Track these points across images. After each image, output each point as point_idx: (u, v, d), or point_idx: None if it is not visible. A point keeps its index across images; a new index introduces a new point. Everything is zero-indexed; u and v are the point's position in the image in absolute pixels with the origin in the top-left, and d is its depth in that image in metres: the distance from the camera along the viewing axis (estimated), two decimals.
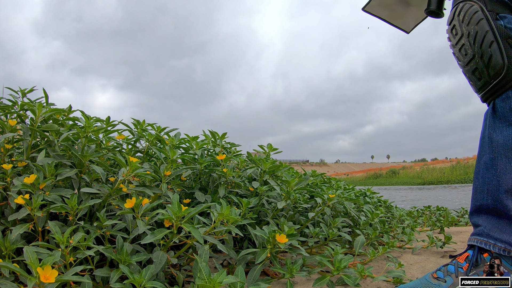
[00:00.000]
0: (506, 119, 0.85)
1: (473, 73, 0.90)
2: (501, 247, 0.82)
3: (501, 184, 0.83)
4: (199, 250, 0.86)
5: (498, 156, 0.84)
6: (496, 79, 0.85)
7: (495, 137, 0.86)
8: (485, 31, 0.85)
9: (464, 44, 0.90)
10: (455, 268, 0.85)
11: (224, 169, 1.32)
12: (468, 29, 0.88)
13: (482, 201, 0.87)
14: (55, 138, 1.10)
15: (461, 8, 0.91)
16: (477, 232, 0.87)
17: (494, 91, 0.86)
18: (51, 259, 0.65)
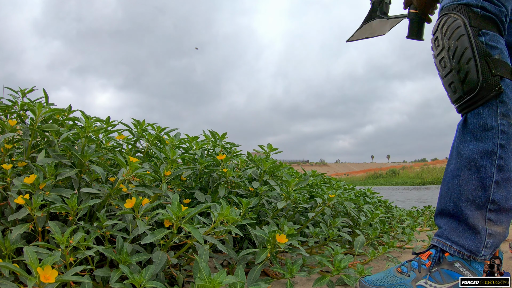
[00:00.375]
0: (474, 134, 0.89)
1: (449, 85, 0.93)
2: (456, 249, 0.88)
3: (462, 194, 0.88)
4: (199, 250, 0.86)
5: (462, 168, 0.89)
6: (470, 95, 0.88)
7: (461, 149, 0.90)
8: (465, 47, 0.88)
9: (444, 57, 0.93)
10: (418, 264, 0.91)
11: (224, 169, 1.32)
12: (449, 43, 0.91)
13: (445, 206, 0.93)
14: (55, 138, 1.10)
15: (445, 21, 0.93)
16: (438, 234, 0.92)
17: (467, 105, 0.90)
18: (51, 259, 0.65)
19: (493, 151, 0.86)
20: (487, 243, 0.86)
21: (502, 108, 0.87)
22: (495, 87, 0.86)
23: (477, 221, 0.86)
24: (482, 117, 0.88)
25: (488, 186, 0.86)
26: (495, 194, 0.86)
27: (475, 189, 0.87)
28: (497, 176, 0.86)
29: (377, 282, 0.89)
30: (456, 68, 0.90)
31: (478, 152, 0.88)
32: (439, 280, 0.87)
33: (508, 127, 0.87)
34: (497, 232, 0.87)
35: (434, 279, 0.87)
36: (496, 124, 0.87)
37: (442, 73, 0.95)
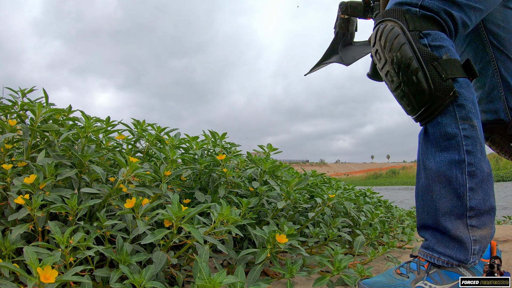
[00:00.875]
0: (437, 145, 0.84)
1: (401, 99, 0.88)
2: (444, 260, 0.86)
3: (439, 209, 0.85)
4: (199, 250, 0.86)
5: (432, 182, 0.85)
6: (424, 106, 0.83)
7: (428, 163, 0.86)
8: (409, 57, 0.82)
9: (389, 71, 0.87)
10: (417, 265, 0.89)
11: (224, 169, 1.32)
12: (391, 56, 0.85)
13: (424, 221, 0.90)
14: (55, 138, 1.10)
15: (382, 32, 0.87)
16: (425, 246, 0.90)
17: (423, 117, 0.85)
18: (51, 259, 0.65)
19: (461, 159, 0.82)
20: (474, 250, 0.84)
21: (461, 112, 0.82)
22: (449, 92, 0.81)
23: (459, 231, 0.83)
24: (442, 126, 0.83)
25: (463, 195, 0.82)
26: (472, 201, 0.82)
27: (450, 200, 0.83)
28: (470, 183, 0.82)
29: (376, 284, 0.87)
30: (405, 81, 0.84)
31: (446, 163, 0.83)
32: (438, 281, 0.86)
33: (470, 131, 0.83)
34: (482, 235, 0.85)
35: (433, 280, 0.86)
36: (457, 131, 0.82)
37: (391, 87, 0.89)
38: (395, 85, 0.87)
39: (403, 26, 0.84)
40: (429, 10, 0.85)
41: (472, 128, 0.83)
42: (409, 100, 0.85)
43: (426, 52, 0.82)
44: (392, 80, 0.87)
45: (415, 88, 0.83)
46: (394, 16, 0.86)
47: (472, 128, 0.83)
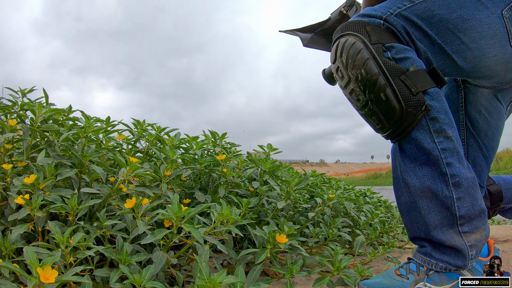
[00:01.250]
0: (416, 159, 0.81)
1: (369, 117, 0.83)
2: (442, 266, 0.84)
3: (429, 223, 0.82)
4: (199, 250, 0.86)
5: (418, 199, 0.82)
6: (395, 124, 0.79)
7: (410, 181, 0.82)
8: (374, 73, 0.77)
9: (354, 89, 0.81)
10: (417, 266, 0.88)
11: (224, 169, 1.32)
12: (355, 74, 0.79)
13: (416, 234, 0.88)
14: (55, 138, 1.10)
15: (342, 47, 0.81)
16: (423, 252, 0.88)
17: (395, 135, 0.82)
18: (51, 259, 0.65)
19: (442, 172, 0.80)
20: (471, 255, 0.83)
21: (434, 125, 0.79)
22: (421, 107, 0.77)
23: (454, 240, 0.82)
24: (417, 141, 0.80)
25: (451, 206, 0.80)
26: (461, 210, 0.81)
27: (439, 213, 0.82)
28: (457, 193, 0.80)
29: (376, 285, 0.87)
30: (372, 99, 0.79)
31: (429, 178, 0.81)
32: (438, 282, 0.86)
33: (446, 143, 0.80)
34: (477, 239, 0.84)
35: (433, 281, 0.86)
36: (434, 145, 0.79)
37: (357, 105, 0.84)
38: (361, 104, 0.82)
39: (364, 39, 0.79)
40: (391, 24, 0.80)
41: (448, 139, 0.80)
42: (378, 118, 0.81)
43: (392, 66, 0.77)
44: (357, 99, 0.82)
45: (384, 105, 0.78)
46: (354, 29, 0.81)
47: (448, 139, 0.80)
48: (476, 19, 0.81)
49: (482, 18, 0.82)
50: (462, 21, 0.81)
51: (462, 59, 0.84)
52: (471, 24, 0.81)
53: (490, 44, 0.83)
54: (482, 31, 0.82)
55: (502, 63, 0.87)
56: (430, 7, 0.82)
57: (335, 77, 0.87)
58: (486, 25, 0.82)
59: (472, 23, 0.81)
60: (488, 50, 0.83)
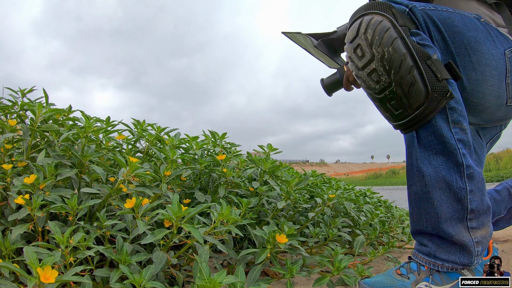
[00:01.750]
0: (432, 148, 0.80)
1: (388, 102, 0.79)
2: (448, 266, 0.83)
3: (440, 216, 0.81)
4: (199, 250, 0.86)
5: (432, 189, 0.80)
6: (418, 109, 0.77)
7: (425, 170, 0.81)
8: (402, 53, 0.74)
9: (376, 69, 0.77)
10: (418, 266, 0.87)
11: (224, 169, 1.32)
12: (380, 51, 0.75)
13: (422, 227, 0.86)
14: (55, 138, 1.10)
15: (368, 24, 0.77)
16: (425, 252, 0.86)
17: (416, 121, 0.79)
18: (51, 259, 0.65)
19: (458, 162, 0.79)
20: (477, 251, 0.83)
21: (453, 115, 0.78)
22: (446, 93, 0.76)
23: (462, 235, 0.81)
24: (436, 128, 0.78)
25: (464, 199, 0.80)
26: (473, 203, 0.80)
27: (451, 205, 0.81)
28: (470, 185, 0.80)
29: (377, 284, 0.86)
30: (397, 80, 0.75)
31: (444, 168, 0.79)
32: (438, 282, 0.85)
33: (462, 134, 0.80)
34: (483, 235, 0.84)
35: (433, 281, 0.85)
36: (451, 134, 0.78)
37: (376, 88, 0.79)
38: (381, 86, 0.78)
39: (392, 19, 0.76)
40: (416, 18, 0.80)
41: (463, 131, 0.80)
42: (400, 102, 0.78)
43: (419, 49, 0.75)
44: (378, 80, 0.78)
45: (409, 88, 0.76)
46: (380, 9, 0.78)
47: (463, 131, 0.80)
48: (485, 46, 0.84)
49: (490, 48, 0.85)
50: (475, 42, 0.83)
51: (467, 77, 0.85)
52: (480, 48, 0.84)
53: (491, 73, 0.86)
54: (487, 59, 0.85)
55: (496, 96, 0.90)
56: (452, 18, 0.83)
57: (351, 56, 0.82)
58: (491, 55, 0.85)
59: (482, 48, 0.84)
60: (488, 78, 0.86)
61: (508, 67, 0.89)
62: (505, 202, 1.33)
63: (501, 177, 18.97)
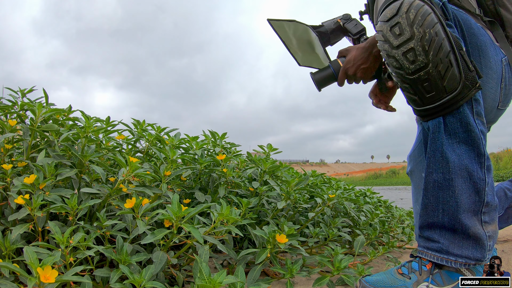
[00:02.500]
0: (456, 136, 0.81)
1: (421, 83, 0.79)
2: (462, 262, 0.82)
3: (460, 205, 0.81)
4: (199, 250, 0.86)
5: (455, 177, 0.81)
6: (450, 94, 0.78)
7: (450, 156, 0.81)
8: (442, 38, 0.76)
9: (414, 48, 0.77)
10: (419, 266, 0.86)
11: (224, 169, 1.32)
12: (422, 31, 0.76)
13: (435, 219, 0.84)
14: (55, 138, 1.10)
15: (410, 4, 0.77)
16: (436, 249, 0.85)
17: (445, 106, 0.79)
18: (51, 259, 0.65)
19: (480, 152, 0.81)
20: (489, 246, 0.83)
21: (477, 107, 0.81)
22: (475, 83, 0.79)
23: (477, 228, 0.81)
24: (464, 116, 0.80)
25: (482, 190, 0.81)
26: (488, 196, 0.82)
27: (470, 196, 0.81)
28: (488, 178, 0.82)
29: (378, 283, 0.86)
30: (434, 62, 0.76)
31: (467, 157, 0.81)
32: (439, 283, 0.85)
33: (483, 127, 0.82)
34: (493, 231, 0.85)
35: (435, 282, 0.85)
36: (475, 124, 0.80)
37: (409, 68, 0.79)
38: (417, 66, 0.77)
39: (432, 7, 0.78)
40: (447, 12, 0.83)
41: (483, 124, 0.83)
42: (434, 85, 0.78)
43: (455, 38, 0.77)
44: (414, 60, 0.77)
45: (445, 71, 0.76)
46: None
47: (483, 124, 0.83)
48: (490, 50, 0.90)
49: (493, 54, 0.92)
50: (485, 46, 0.88)
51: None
52: (487, 52, 0.89)
53: (492, 76, 0.91)
54: (491, 62, 0.90)
55: (492, 99, 0.95)
56: (469, 20, 0.88)
57: (386, 35, 0.80)
58: (494, 60, 0.92)
59: (488, 52, 0.90)
60: (490, 80, 0.91)
61: (503, 73, 0.95)
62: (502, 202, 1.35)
63: (501, 177, 18.98)
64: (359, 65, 1.05)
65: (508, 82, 0.99)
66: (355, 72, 1.06)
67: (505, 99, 1.01)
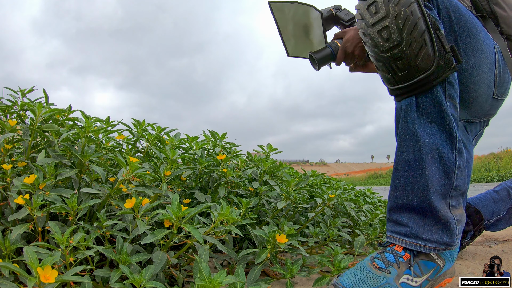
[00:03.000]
0: (429, 116, 0.80)
1: (394, 61, 0.79)
2: (431, 247, 0.80)
3: (430, 186, 0.79)
4: (199, 250, 0.86)
5: (425, 157, 0.79)
6: (423, 73, 0.77)
7: (421, 136, 0.80)
8: (418, 17, 0.75)
9: (388, 26, 0.77)
10: (395, 257, 0.81)
11: (224, 169, 1.32)
12: (397, 10, 0.76)
13: (405, 200, 0.82)
14: (55, 138, 1.10)
15: None
16: (405, 233, 0.81)
17: (417, 86, 0.79)
18: (51, 259, 0.65)
19: (452, 134, 0.80)
20: (458, 230, 0.82)
21: (450, 89, 0.80)
22: (450, 64, 0.78)
23: (445, 211, 0.80)
24: (437, 96, 0.79)
25: (452, 173, 0.80)
26: (458, 180, 0.81)
27: (440, 178, 0.79)
28: (459, 161, 0.80)
29: (359, 286, 0.77)
30: (408, 40, 0.76)
31: (438, 137, 0.79)
32: (418, 273, 0.81)
33: (454, 110, 0.81)
34: (461, 214, 0.83)
35: (414, 273, 0.80)
36: (447, 105, 0.79)
37: (384, 46, 0.79)
38: (390, 44, 0.78)
39: None
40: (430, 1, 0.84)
41: (455, 108, 0.81)
42: (407, 63, 0.78)
43: (432, 19, 0.77)
44: (388, 38, 0.78)
45: (419, 50, 0.76)
46: None
47: (455, 108, 0.81)
48: (482, 34, 0.92)
49: (485, 37, 0.93)
50: (475, 28, 0.90)
51: (466, 59, 0.90)
52: (479, 35, 0.90)
53: (486, 61, 0.92)
54: (483, 46, 0.91)
55: (487, 85, 0.95)
56: (456, 2, 0.89)
57: (363, 13, 0.81)
58: (486, 44, 0.92)
59: (480, 35, 0.90)
60: (483, 64, 0.92)
61: (497, 59, 0.95)
62: (504, 202, 1.34)
63: (501, 177, 18.99)
64: (357, 43, 1.10)
65: (502, 70, 0.98)
66: (353, 50, 1.11)
67: (500, 87, 1.00)
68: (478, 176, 23.57)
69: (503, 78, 0.99)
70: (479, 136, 1.18)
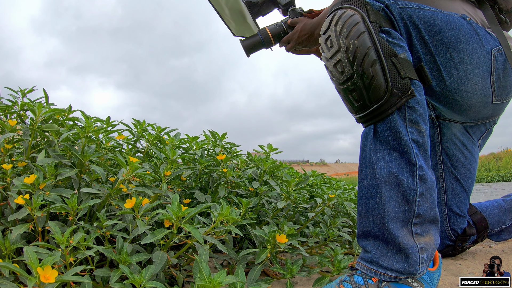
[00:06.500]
0: (387, 143, 0.78)
1: (350, 93, 0.80)
2: (391, 275, 0.77)
3: (387, 213, 0.77)
4: (199, 250, 0.86)
5: (381, 183, 0.78)
6: (377, 103, 0.77)
7: (377, 163, 0.79)
8: (367, 47, 0.76)
9: (341, 60, 0.79)
10: (364, 280, 0.79)
11: (224, 169, 1.32)
12: (347, 43, 0.77)
13: (368, 227, 0.81)
14: (55, 138, 1.10)
15: (339, 17, 0.80)
16: (368, 259, 0.80)
17: (374, 115, 0.79)
18: (51, 259, 0.65)
19: (411, 161, 0.77)
20: (422, 258, 0.78)
21: (411, 114, 0.77)
22: (407, 91, 0.76)
23: (406, 239, 0.76)
24: (393, 124, 0.77)
25: (412, 200, 0.77)
26: (420, 207, 0.77)
27: (398, 205, 0.77)
28: (421, 187, 0.77)
29: None
30: (359, 72, 0.77)
31: (396, 165, 0.77)
32: None
33: (417, 135, 0.78)
34: (427, 242, 0.79)
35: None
36: (406, 132, 0.77)
37: (339, 79, 0.81)
38: (345, 77, 0.79)
39: (363, 15, 0.78)
40: (392, 13, 0.82)
41: (419, 133, 0.79)
42: (360, 95, 0.78)
43: (386, 45, 0.76)
44: (342, 71, 0.79)
45: (369, 81, 0.76)
46: (354, 4, 0.81)
47: (419, 133, 0.79)
48: (469, 45, 0.88)
49: (475, 46, 0.88)
50: (457, 41, 0.86)
51: (448, 75, 0.87)
52: (463, 47, 0.87)
53: (475, 72, 0.89)
54: (471, 57, 0.88)
55: (480, 95, 0.92)
56: (433, 16, 0.86)
57: (323, 48, 0.84)
58: (476, 54, 0.88)
59: (465, 46, 0.87)
60: (472, 76, 0.88)
61: (493, 66, 0.91)
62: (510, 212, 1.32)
63: (501, 177, 18.99)
64: (304, 35, 1.17)
65: (503, 75, 0.94)
66: (300, 41, 1.19)
67: (502, 92, 0.97)
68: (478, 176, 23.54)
69: (505, 82, 0.96)
70: (487, 135, 1.16)
